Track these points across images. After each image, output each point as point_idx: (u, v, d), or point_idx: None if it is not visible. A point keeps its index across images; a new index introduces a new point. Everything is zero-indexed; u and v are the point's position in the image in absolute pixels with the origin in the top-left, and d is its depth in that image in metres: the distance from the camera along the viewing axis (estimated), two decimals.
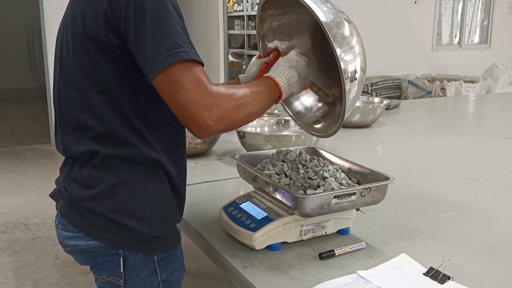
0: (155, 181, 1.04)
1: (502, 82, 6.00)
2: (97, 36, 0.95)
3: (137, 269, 1.05)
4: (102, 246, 1.03)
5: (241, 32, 8.25)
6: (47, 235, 3.12)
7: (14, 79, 8.34)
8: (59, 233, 1.09)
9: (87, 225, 1.02)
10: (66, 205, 1.05)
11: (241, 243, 1.11)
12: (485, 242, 1.17)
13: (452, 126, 2.73)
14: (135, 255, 1.04)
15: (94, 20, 0.95)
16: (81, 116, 1.01)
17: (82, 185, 1.03)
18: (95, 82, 0.99)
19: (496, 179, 1.66)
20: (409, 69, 6.47)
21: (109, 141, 1.00)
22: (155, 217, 1.04)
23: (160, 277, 1.07)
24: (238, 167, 1.26)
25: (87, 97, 1.00)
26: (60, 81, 1.06)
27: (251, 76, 1.25)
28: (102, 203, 1.01)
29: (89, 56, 0.98)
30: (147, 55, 0.91)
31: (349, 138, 2.23)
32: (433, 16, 6.82)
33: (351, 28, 1.09)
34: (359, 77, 1.08)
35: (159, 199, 1.05)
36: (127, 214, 1.01)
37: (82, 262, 1.10)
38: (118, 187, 1.01)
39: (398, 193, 1.42)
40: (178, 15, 0.95)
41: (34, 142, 5.47)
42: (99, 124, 1.00)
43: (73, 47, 1.00)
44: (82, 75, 1.00)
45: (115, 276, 1.05)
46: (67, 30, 1.03)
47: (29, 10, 7.56)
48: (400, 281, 0.97)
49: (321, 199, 1.03)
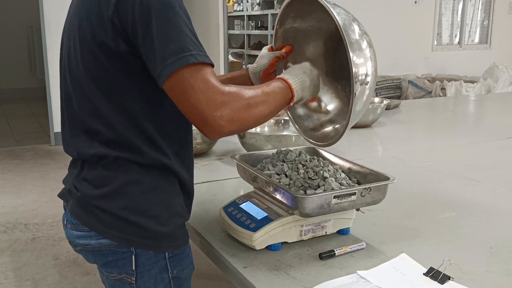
0: (165, 180, 1.05)
1: (502, 82, 6.00)
2: (106, 43, 0.95)
3: (149, 266, 1.06)
4: (114, 244, 1.04)
5: (241, 32, 8.26)
6: (47, 235, 3.12)
7: (14, 79, 8.34)
8: (69, 232, 1.10)
9: (98, 224, 1.03)
10: (77, 204, 1.06)
11: (241, 243, 1.11)
12: (485, 242, 1.16)
13: (452, 126, 2.73)
14: (146, 253, 1.05)
15: (102, 27, 0.94)
16: (90, 121, 1.01)
17: (92, 184, 1.03)
18: (104, 88, 0.99)
19: (496, 179, 1.66)
20: (409, 69, 6.47)
21: (118, 146, 1.01)
22: (165, 215, 1.04)
23: (171, 274, 1.08)
24: (238, 167, 1.26)
25: (96, 103, 1.00)
26: (69, 85, 1.06)
27: (260, 68, 1.25)
28: (113, 202, 1.02)
29: (97, 62, 0.97)
30: (157, 60, 0.91)
31: (349, 138, 2.22)
32: (433, 16, 6.82)
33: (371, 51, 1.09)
34: (367, 92, 1.09)
35: (169, 197, 1.06)
36: (137, 212, 1.02)
37: (93, 260, 1.11)
38: (129, 186, 1.02)
39: (398, 193, 1.42)
40: (186, 16, 0.94)
41: (34, 142, 5.47)
42: (108, 130, 1.00)
43: (81, 53, 1.00)
44: (90, 81, 0.99)
45: (126, 273, 1.06)
46: (74, 36, 1.02)
47: (29, 10, 7.56)
48: (400, 281, 0.97)
49: (321, 199, 1.03)
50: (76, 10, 1.04)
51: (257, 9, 7.82)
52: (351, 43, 1.03)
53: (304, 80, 1.11)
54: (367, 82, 1.07)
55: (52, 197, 3.63)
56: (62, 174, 1.15)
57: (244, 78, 1.30)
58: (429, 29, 6.80)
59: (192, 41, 0.93)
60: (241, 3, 8.31)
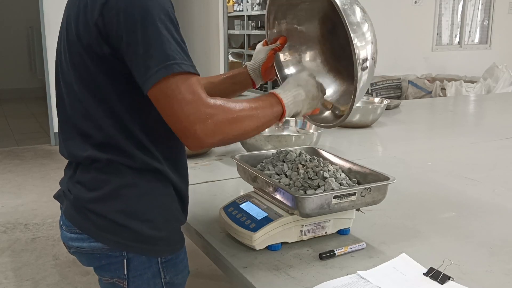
0: (159, 183, 1.04)
1: (502, 82, 6.00)
2: (91, 46, 0.94)
3: (141, 271, 1.05)
4: (106, 248, 1.02)
5: (241, 32, 8.25)
6: (47, 235, 3.12)
7: (14, 79, 8.34)
8: (63, 234, 1.09)
9: (90, 227, 1.02)
10: (70, 206, 1.05)
11: (241, 243, 1.11)
12: (485, 242, 1.16)
13: (452, 126, 2.73)
14: (138, 257, 1.03)
15: (87, 29, 0.94)
16: (82, 123, 1.01)
17: (86, 187, 1.02)
18: (93, 91, 0.98)
19: (496, 179, 1.66)
20: (409, 69, 6.47)
21: (110, 149, 1.00)
22: (161, 218, 1.04)
23: (164, 279, 1.07)
24: (238, 167, 1.26)
25: (86, 106, 0.99)
26: (62, 88, 1.06)
27: (258, 63, 1.23)
28: (106, 205, 1.01)
29: (84, 65, 0.97)
30: (140, 68, 0.90)
31: (349, 138, 2.23)
32: (433, 16, 6.82)
33: (366, 17, 1.07)
34: (369, 66, 1.06)
35: (165, 201, 1.05)
36: (132, 216, 1.01)
37: (86, 263, 1.10)
38: (124, 189, 1.01)
39: (398, 193, 1.42)
40: (172, 24, 0.92)
41: (34, 142, 5.47)
42: (99, 133, 0.99)
43: (70, 55, 1.00)
44: (80, 84, 0.99)
45: (118, 278, 1.05)
46: (64, 38, 1.02)
47: (29, 10, 7.56)
48: (400, 281, 0.97)
49: (321, 199, 1.03)
50: (66, 12, 1.03)
51: (257, 9, 7.82)
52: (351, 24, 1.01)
53: (298, 94, 1.09)
54: (368, 64, 1.05)
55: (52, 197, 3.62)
56: (62, 174, 1.15)
57: (244, 76, 1.28)
58: (429, 29, 6.81)
59: (177, 49, 0.91)
60: (241, 3, 8.31)
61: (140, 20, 0.89)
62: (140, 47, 0.89)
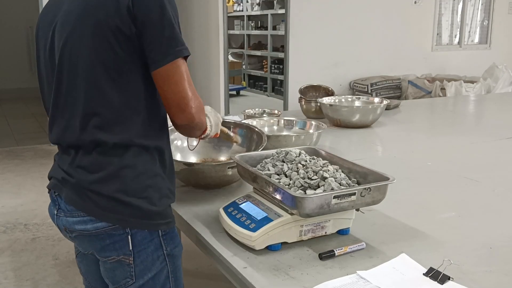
0: (152, 164, 1.13)
1: (502, 82, 5.99)
2: (120, 28, 1.02)
3: (144, 245, 1.12)
4: (110, 227, 1.09)
5: (241, 32, 8.26)
6: (47, 235, 3.12)
7: (14, 79, 8.33)
8: (63, 220, 1.13)
9: (94, 208, 1.08)
10: (72, 191, 1.10)
11: (241, 243, 1.11)
12: (485, 242, 1.16)
13: (452, 126, 2.73)
14: (141, 232, 1.11)
15: (118, 13, 1.02)
16: (89, 104, 1.07)
17: (88, 170, 1.09)
18: (111, 69, 1.05)
19: (496, 179, 1.66)
20: (409, 69, 6.46)
21: (115, 129, 1.07)
22: (156, 196, 1.12)
23: (165, 251, 1.16)
24: (238, 167, 1.26)
25: (100, 86, 1.06)
26: (63, 76, 1.10)
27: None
28: (108, 185, 1.07)
29: (108, 46, 1.04)
30: (161, 45, 1.03)
31: (349, 138, 2.23)
32: (433, 16, 6.81)
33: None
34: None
35: (157, 180, 1.13)
36: (132, 194, 1.08)
37: (88, 246, 1.15)
38: (123, 170, 1.08)
39: (398, 193, 1.42)
40: (174, 12, 1.06)
41: (33, 142, 5.47)
42: (107, 110, 1.06)
43: (88, 40, 1.05)
44: (97, 65, 1.05)
45: (124, 254, 1.11)
46: (72, 27, 1.07)
47: (29, 10, 7.55)
48: (400, 281, 0.97)
49: (321, 199, 1.03)
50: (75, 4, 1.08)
51: (257, 9, 7.83)
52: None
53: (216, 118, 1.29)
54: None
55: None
56: None
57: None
58: (429, 29, 6.80)
59: (181, 36, 1.06)
60: (241, 3, 8.31)
61: (159, 4, 1.03)
62: (160, 28, 1.03)
